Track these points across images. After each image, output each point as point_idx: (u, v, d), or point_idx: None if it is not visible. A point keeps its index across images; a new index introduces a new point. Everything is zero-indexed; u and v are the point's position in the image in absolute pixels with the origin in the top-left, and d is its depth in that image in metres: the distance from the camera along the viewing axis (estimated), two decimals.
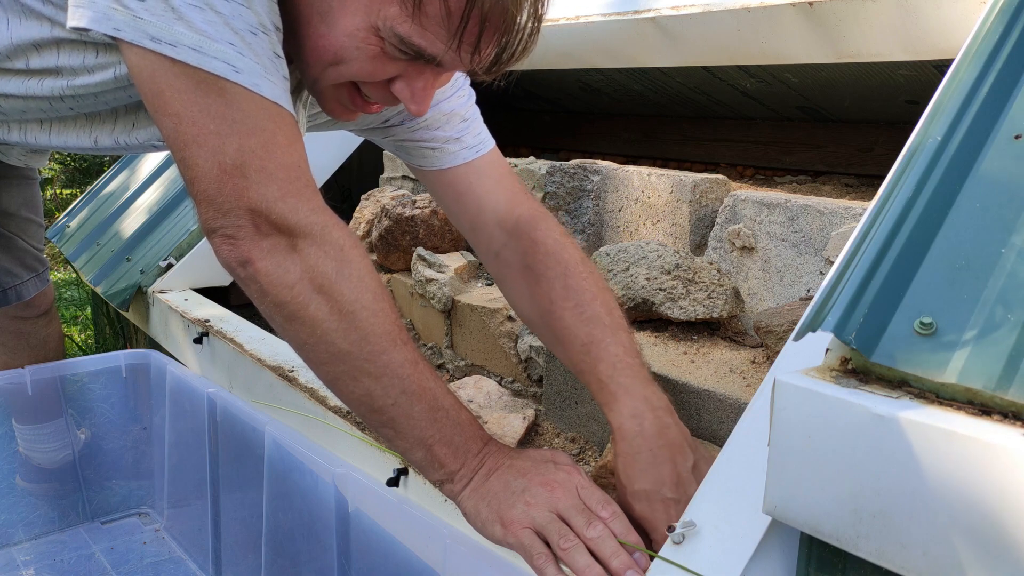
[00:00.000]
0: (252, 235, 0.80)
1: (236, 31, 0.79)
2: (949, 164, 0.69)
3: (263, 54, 0.81)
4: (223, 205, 0.80)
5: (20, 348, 1.77)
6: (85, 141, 1.04)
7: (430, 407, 0.84)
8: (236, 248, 0.81)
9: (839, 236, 1.26)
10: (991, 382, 0.53)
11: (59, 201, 6.71)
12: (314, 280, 0.81)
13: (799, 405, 0.59)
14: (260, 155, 0.80)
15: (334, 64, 0.86)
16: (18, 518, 1.73)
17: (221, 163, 0.79)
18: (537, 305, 1.06)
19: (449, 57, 0.84)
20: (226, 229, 0.80)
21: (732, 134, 2.37)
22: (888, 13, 1.36)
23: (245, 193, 0.79)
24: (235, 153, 0.79)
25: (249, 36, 0.79)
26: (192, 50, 0.77)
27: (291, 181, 0.82)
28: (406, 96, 0.89)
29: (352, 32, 0.83)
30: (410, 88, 0.89)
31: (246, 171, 0.79)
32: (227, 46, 0.78)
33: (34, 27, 0.92)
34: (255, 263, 0.80)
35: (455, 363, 1.59)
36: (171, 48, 0.77)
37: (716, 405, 1.08)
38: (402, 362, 0.83)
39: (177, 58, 0.77)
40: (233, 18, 0.78)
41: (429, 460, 0.85)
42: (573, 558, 0.76)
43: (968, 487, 0.51)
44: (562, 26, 1.88)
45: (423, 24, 0.81)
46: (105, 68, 0.91)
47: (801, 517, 0.61)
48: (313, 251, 0.82)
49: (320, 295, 0.81)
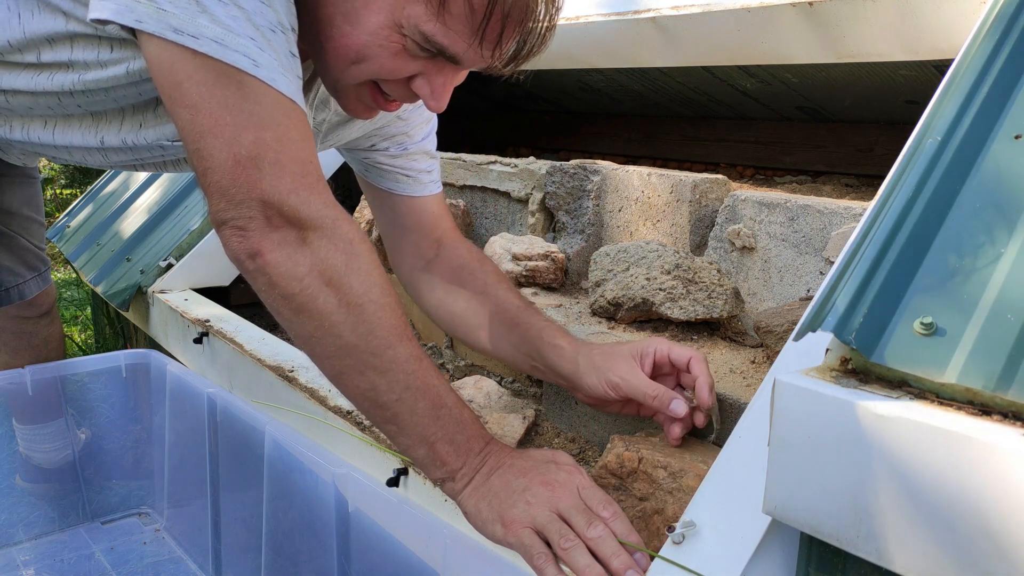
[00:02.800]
0: (263, 227, 0.81)
1: (257, 27, 0.79)
2: (949, 164, 0.69)
3: (281, 51, 0.82)
4: (236, 196, 0.80)
5: (21, 348, 1.77)
6: (91, 140, 1.04)
7: (433, 404, 0.85)
8: (246, 240, 0.81)
9: (839, 236, 1.26)
10: (991, 382, 0.53)
11: (59, 201, 6.71)
12: (323, 273, 0.82)
13: (799, 405, 0.59)
14: (275, 148, 0.81)
15: (357, 62, 0.88)
16: (18, 518, 1.73)
17: (236, 154, 0.79)
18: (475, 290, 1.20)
19: (470, 54, 0.86)
20: (237, 220, 0.81)
21: (732, 134, 2.37)
22: (888, 13, 1.36)
23: (258, 185, 0.80)
24: (250, 145, 0.79)
25: (269, 33, 0.80)
26: (214, 42, 0.78)
27: (303, 175, 0.83)
28: (425, 93, 0.91)
29: (375, 30, 0.85)
30: (430, 85, 0.90)
31: (260, 163, 0.80)
32: (248, 40, 0.79)
33: (49, 20, 0.92)
34: (265, 255, 0.81)
35: (455, 363, 1.59)
36: (193, 40, 0.78)
37: (716, 405, 1.08)
38: (407, 357, 0.84)
39: (199, 50, 0.78)
40: (255, 14, 0.79)
41: (431, 458, 0.85)
42: (573, 558, 0.76)
43: (968, 487, 0.51)
44: (562, 26, 1.87)
45: (447, 23, 0.83)
46: (118, 63, 0.91)
47: (801, 517, 0.61)
48: (323, 244, 0.82)
49: (329, 288, 0.82)
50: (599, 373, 1.02)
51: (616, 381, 1.01)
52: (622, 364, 1.01)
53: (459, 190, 2.08)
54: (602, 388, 1.02)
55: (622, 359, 1.02)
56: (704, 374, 0.98)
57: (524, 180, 1.88)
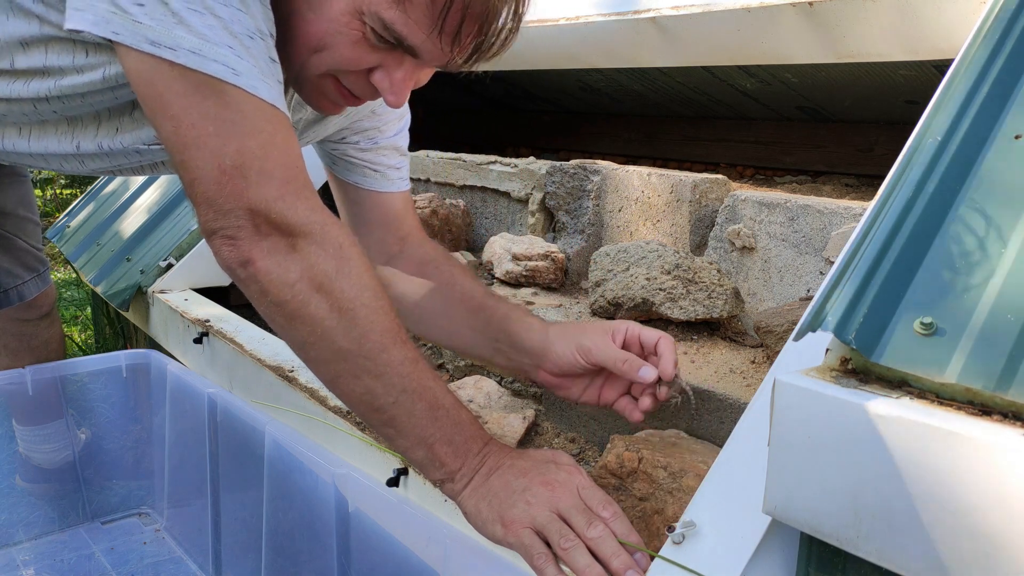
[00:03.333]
0: (252, 235, 0.81)
1: (235, 35, 0.79)
2: (949, 164, 0.69)
3: (260, 58, 0.82)
4: (223, 206, 0.80)
5: (22, 351, 1.77)
6: (67, 146, 1.04)
7: (430, 406, 0.84)
8: (236, 248, 0.81)
9: (839, 236, 1.26)
10: (991, 382, 0.53)
11: (59, 201, 6.71)
12: (314, 279, 0.82)
13: (799, 405, 0.59)
14: (259, 156, 0.81)
15: (317, 51, 0.88)
16: (18, 518, 1.73)
17: (221, 164, 0.79)
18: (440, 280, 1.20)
19: (428, 47, 0.86)
20: (226, 230, 0.81)
21: (732, 134, 2.37)
22: (888, 13, 1.36)
23: (245, 193, 0.80)
24: (235, 154, 0.80)
25: (247, 40, 0.80)
26: (192, 53, 0.78)
27: (289, 181, 0.83)
28: (384, 86, 0.90)
29: (336, 16, 0.85)
30: (389, 78, 0.90)
31: (246, 172, 0.80)
32: (226, 49, 0.79)
33: (22, 24, 0.92)
34: (255, 263, 0.81)
35: (455, 363, 1.59)
36: (171, 52, 0.78)
37: (716, 405, 1.08)
38: (402, 360, 0.84)
39: (177, 61, 0.78)
40: (232, 22, 0.79)
41: (430, 459, 0.85)
42: (573, 558, 0.76)
43: (968, 487, 0.51)
44: (562, 26, 1.88)
45: (407, 11, 0.83)
46: (95, 68, 0.91)
47: (801, 517, 0.61)
48: (313, 250, 0.82)
49: (320, 293, 0.82)
50: (570, 340, 1.04)
51: (588, 346, 1.03)
52: (595, 334, 1.04)
53: (459, 190, 2.08)
54: (572, 354, 1.04)
55: (595, 330, 1.05)
56: (670, 351, 1.00)
57: (524, 180, 1.88)
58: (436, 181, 2.13)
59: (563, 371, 1.06)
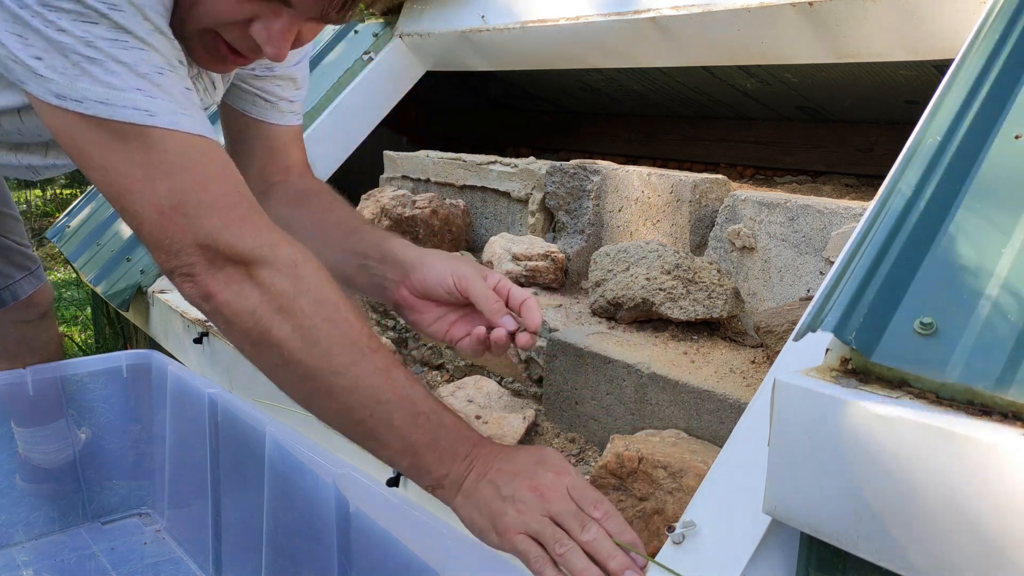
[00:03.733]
0: (207, 269, 0.81)
1: (142, 75, 0.78)
2: (949, 164, 0.69)
3: (175, 90, 0.81)
4: (172, 246, 0.80)
5: (22, 353, 1.76)
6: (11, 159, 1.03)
7: (409, 413, 0.83)
8: (196, 284, 0.81)
9: (839, 236, 1.26)
10: (991, 382, 0.54)
11: (59, 201, 6.71)
12: (272, 301, 0.81)
13: (799, 405, 0.59)
14: (195, 190, 0.80)
15: (194, 4, 0.85)
16: (18, 518, 1.73)
17: (158, 207, 0.79)
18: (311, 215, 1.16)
19: None
20: (182, 268, 0.81)
21: (732, 134, 2.37)
22: (888, 13, 1.36)
23: (189, 230, 0.80)
24: (169, 194, 0.79)
25: (157, 77, 0.79)
26: (100, 103, 0.77)
27: (230, 208, 0.83)
28: (263, 38, 0.88)
29: None
30: (267, 30, 0.88)
31: (184, 209, 0.80)
32: (135, 93, 0.78)
33: None
34: (216, 296, 0.81)
35: (455, 363, 1.59)
36: (77, 104, 0.77)
37: (716, 405, 1.08)
38: (373, 371, 0.83)
39: (87, 113, 0.77)
40: (138, 64, 0.78)
41: (416, 467, 0.84)
42: (570, 562, 0.76)
43: (968, 487, 0.51)
44: (562, 26, 1.88)
45: None
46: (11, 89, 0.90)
47: (801, 517, 0.61)
48: (266, 273, 0.82)
49: (281, 315, 0.81)
50: (447, 264, 1.02)
51: (464, 273, 1.00)
52: (471, 269, 1.02)
53: (459, 190, 2.08)
54: (447, 277, 1.01)
55: (471, 266, 1.03)
56: (537, 307, 0.99)
57: (524, 180, 1.88)
58: (436, 181, 2.13)
59: (426, 292, 1.03)
